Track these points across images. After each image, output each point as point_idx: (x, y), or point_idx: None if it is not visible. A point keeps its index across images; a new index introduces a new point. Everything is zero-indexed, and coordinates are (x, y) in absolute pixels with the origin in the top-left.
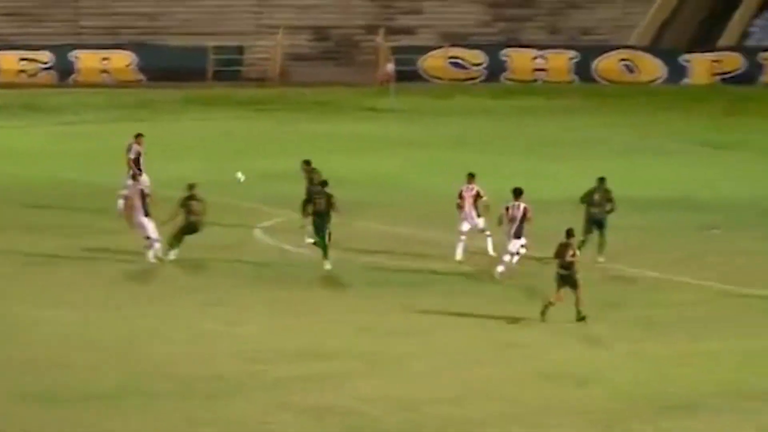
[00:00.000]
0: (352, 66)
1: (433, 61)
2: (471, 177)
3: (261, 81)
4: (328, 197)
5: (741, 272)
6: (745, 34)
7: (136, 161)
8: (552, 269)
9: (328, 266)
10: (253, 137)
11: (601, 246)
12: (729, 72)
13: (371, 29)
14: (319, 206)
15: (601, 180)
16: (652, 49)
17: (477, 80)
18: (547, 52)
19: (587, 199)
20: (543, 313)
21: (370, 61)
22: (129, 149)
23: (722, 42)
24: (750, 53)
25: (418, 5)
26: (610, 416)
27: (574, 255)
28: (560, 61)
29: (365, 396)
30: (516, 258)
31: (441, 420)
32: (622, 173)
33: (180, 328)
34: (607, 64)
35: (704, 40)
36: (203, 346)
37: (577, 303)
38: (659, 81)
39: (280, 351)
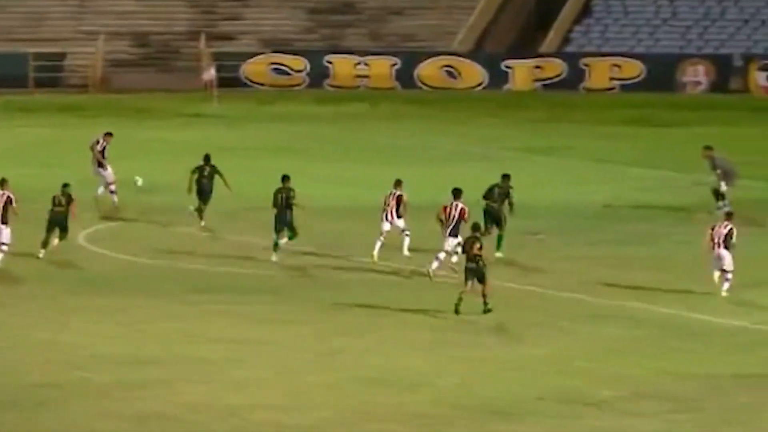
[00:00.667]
0: (173, 72)
1: (255, 68)
2: (398, 183)
3: (82, 87)
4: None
5: (563, 277)
6: (565, 40)
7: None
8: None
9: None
10: (74, 143)
11: (499, 241)
12: (550, 78)
13: (192, 35)
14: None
15: (505, 177)
16: (474, 55)
17: (300, 86)
18: (369, 59)
19: (487, 194)
20: (457, 305)
21: (191, 68)
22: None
23: (543, 48)
24: (571, 59)
25: (239, 12)
26: (435, 421)
27: (480, 249)
28: (382, 68)
29: (189, 403)
30: (455, 258)
31: (266, 427)
32: (444, 179)
33: (2, 337)
34: (429, 70)
35: (525, 46)
36: (26, 354)
37: (483, 296)
38: (481, 87)
39: (102, 358)
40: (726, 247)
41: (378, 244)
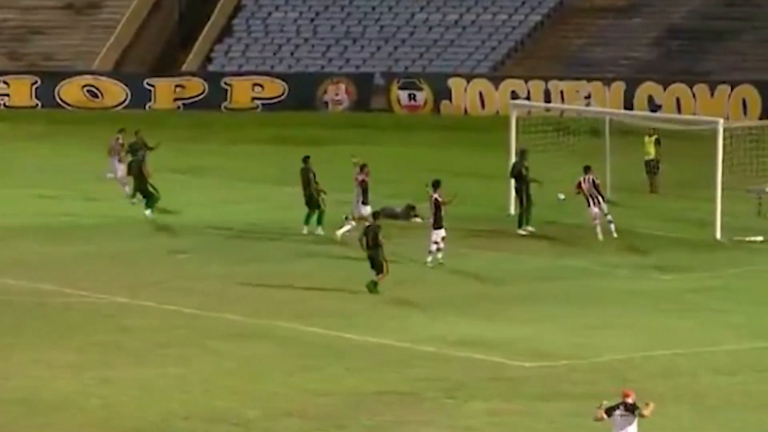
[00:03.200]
0: None
1: None
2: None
3: None
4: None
5: (207, 296)
6: (207, 59)
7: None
8: None
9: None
10: None
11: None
12: (192, 97)
13: None
14: None
15: (522, 153)
16: (115, 74)
17: None
18: (9, 78)
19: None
20: (370, 288)
21: None
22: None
23: (185, 67)
24: (212, 78)
25: None
26: None
27: (376, 238)
28: (22, 87)
29: None
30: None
31: None
32: (84, 198)
33: None
34: (70, 89)
35: (167, 65)
36: None
37: (376, 278)
38: (123, 106)
39: None
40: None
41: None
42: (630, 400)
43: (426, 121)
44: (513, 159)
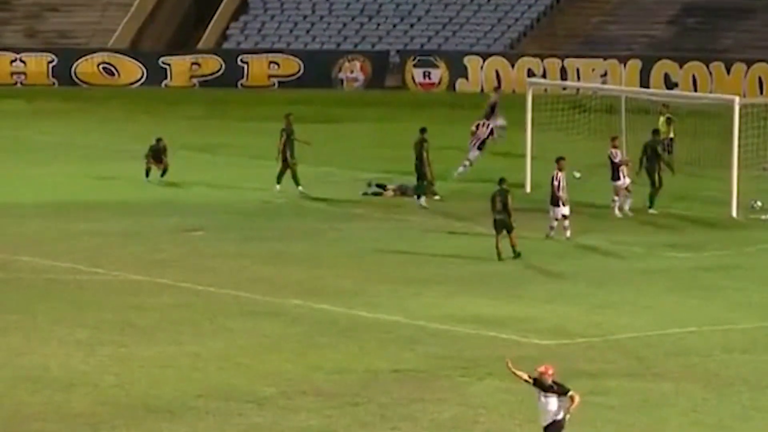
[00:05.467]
0: None
1: None
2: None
3: None
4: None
5: (220, 274)
6: (223, 37)
7: None
8: None
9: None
10: None
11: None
12: (208, 75)
13: None
14: None
15: (654, 132)
16: (131, 51)
17: None
18: (25, 55)
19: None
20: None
21: None
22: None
23: (201, 45)
24: (228, 56)
25: None
26: (96, 420)
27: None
28: (39, 65)
29: None
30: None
31: None
32: (96, 176)
33: None
34: (86, 67)
35: (183, 43)
36: None
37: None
38: (139, 84)
39: None
40: None
41: None
42: (548, 380)
43: (441, 99)
44: (530, 136)
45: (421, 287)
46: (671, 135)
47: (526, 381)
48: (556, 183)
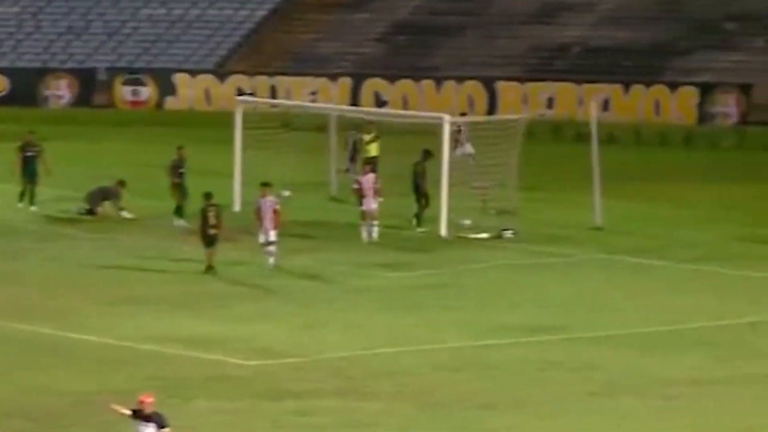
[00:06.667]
0: None
1: None
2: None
3: None
4: None
5: None
6: None
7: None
8: None
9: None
10: None
11: None
12: None
13: None
14: None
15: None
16: None
17: None
18: None
19: None
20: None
21: None
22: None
23: None
24: None
25: None
26: None
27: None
28: None
29: None
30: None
31: None
32: None
33: None
34: None
35: None
36: None
37: None
38: None
39: None
40: None
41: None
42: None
43: (149, 117)
44: (239, 155)
45: (132, 307)
46: (376, 153)
47: (127, 415)
48: (256, 207)
